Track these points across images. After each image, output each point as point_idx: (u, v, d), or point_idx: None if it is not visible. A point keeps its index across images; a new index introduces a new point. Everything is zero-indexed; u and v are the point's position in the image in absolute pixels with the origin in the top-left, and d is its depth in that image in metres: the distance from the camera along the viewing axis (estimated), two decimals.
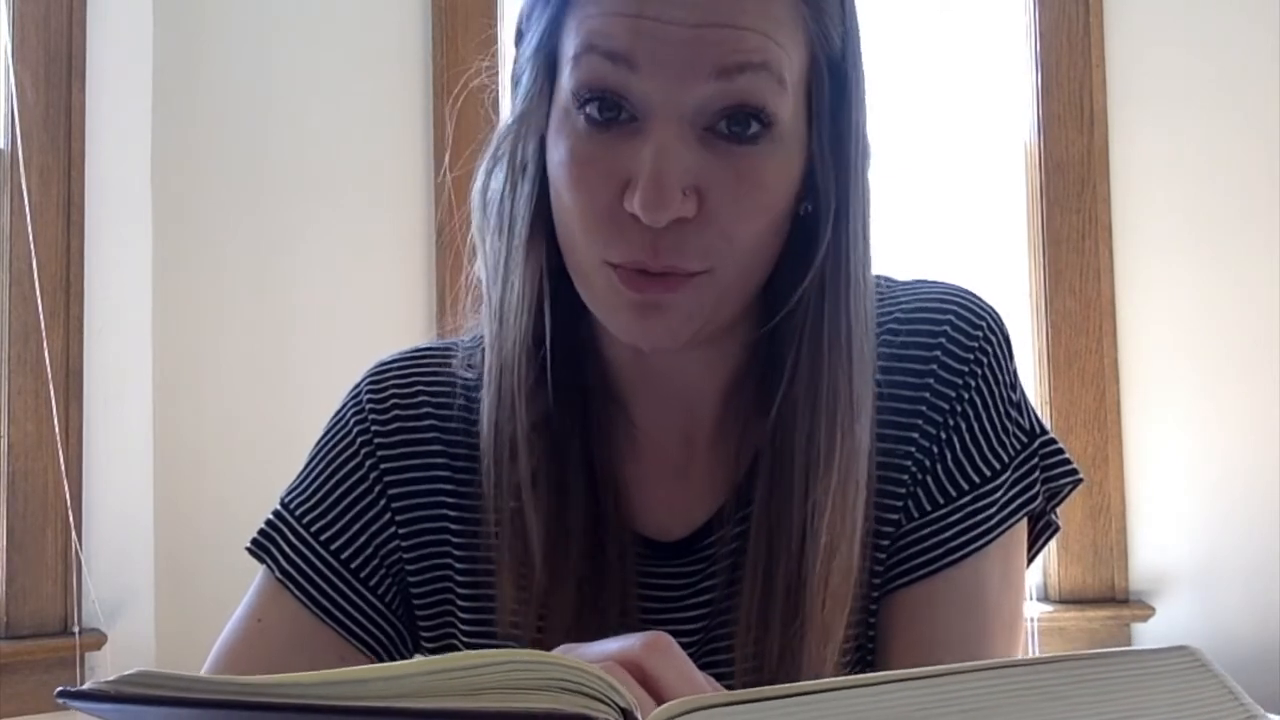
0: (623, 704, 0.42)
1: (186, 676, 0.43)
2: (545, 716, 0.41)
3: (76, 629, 1.96)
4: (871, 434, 0.80)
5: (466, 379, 0.87)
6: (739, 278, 0.75)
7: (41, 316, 1.95)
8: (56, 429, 1.95)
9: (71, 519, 1.95)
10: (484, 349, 0.84)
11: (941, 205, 2.30)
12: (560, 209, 0.76)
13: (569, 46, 0.74)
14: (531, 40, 0.77)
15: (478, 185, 0.82)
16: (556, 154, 0.75)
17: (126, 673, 0.43)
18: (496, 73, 0.86)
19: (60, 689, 0.44)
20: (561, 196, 0.75)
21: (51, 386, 1.96)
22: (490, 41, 0.84)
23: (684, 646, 0.82)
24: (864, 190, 0.78)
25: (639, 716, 0.42)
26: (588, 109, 0.73)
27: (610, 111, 0.72)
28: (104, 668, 1.96)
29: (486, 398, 0.81)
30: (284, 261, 2.11)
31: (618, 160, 0.72)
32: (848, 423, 0.77)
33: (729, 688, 0.79)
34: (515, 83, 0.79)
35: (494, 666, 0.43)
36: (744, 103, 0.71)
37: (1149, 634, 2.21)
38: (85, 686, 0.42)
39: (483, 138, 0.83)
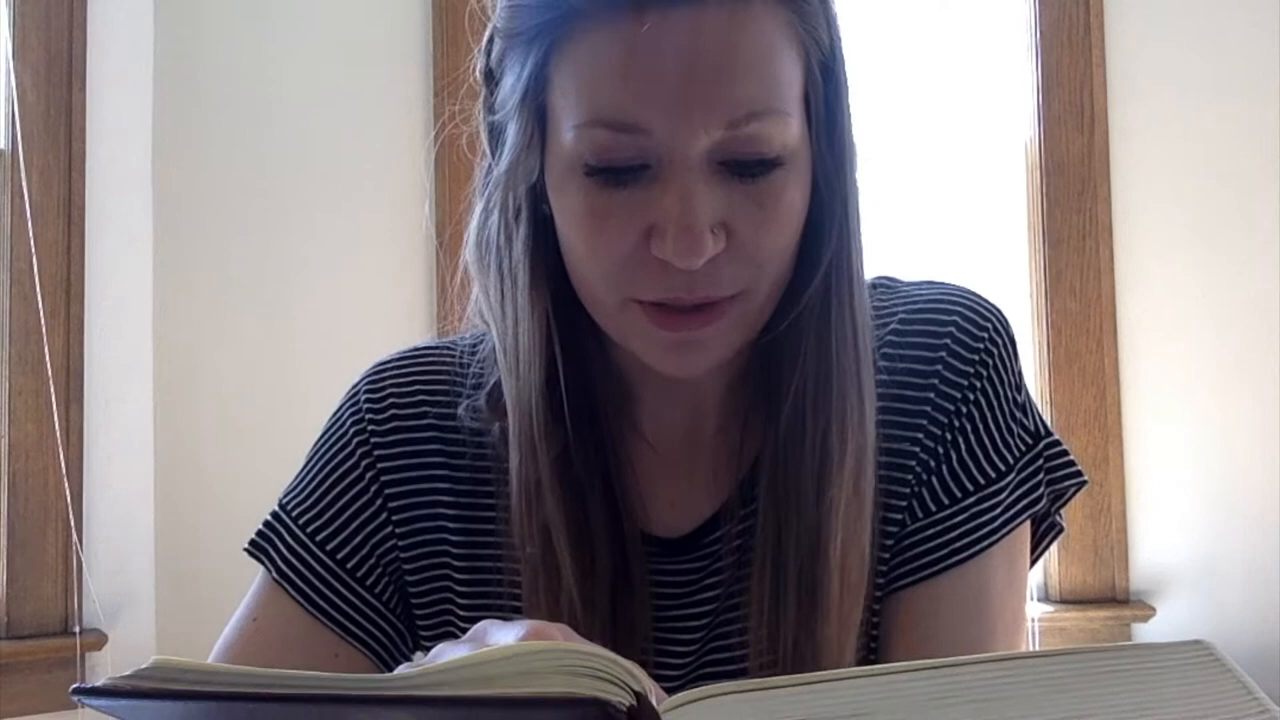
0: (637, 688, 0.42)
1: (202, 667, 0.43)
2: (561, 701, 0.41)
3: (77, 629, 1.96)
4: (876, 428, 0.80)
5: (467, 378, 0.86)
6: (771, 294, 0.76)
7: (42, 316, 1.95)
8: (57, 429, 1.95)
9: (72, 519, 1.95)
10: (484, 362, 0.84)
11: (942, 205, 2.30)
12: (574, 257, 0.75)
13: (566, 110, 0.72)
14: (514, 88, 0.75)
15: (471, 237, 0.81)
16: (567, 207, 0.74)
17: (142, 666, 0.43)
18: (469, 117, 0.84)
19: (75, 686, 0.43)
20: (575, 247, 0.74)
21: (52, 386, 1.96)
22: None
23: (689, 641, 0.82)
24: (856, 185, 0.78)
25: (653, 701, 0.42)
26: (596, 176, 0.72)
27: (623, 172, 0.72)
28: (104, 668, 1.96)
29: (513, 452, 0.80)
30: (284, 261, 2.11)
31: (636, 209, 0.72)
32: (857, 418, 0.78)
33: (741, 678, 0.80)
34: (497, 129, 0.78)
35: (508, 659, 0.43)
36: (754, 150, 0.71)
37: (1150, 634, 2.21)
38: (100, 683, 0.42)
39: (469, 184, 0.82)
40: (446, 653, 0.55)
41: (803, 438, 0.78)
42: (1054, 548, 2.15)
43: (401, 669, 0.53)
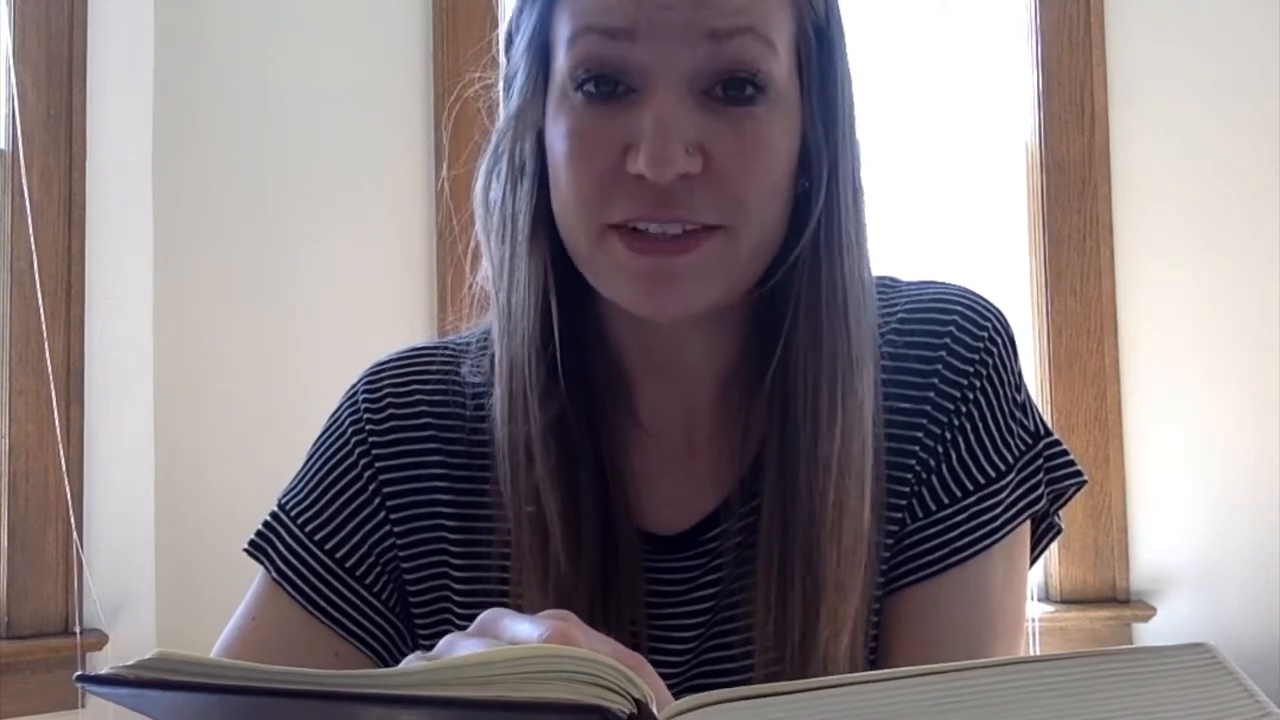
0: (637, 695, 0.42)
1: (205, 661, 0.43)
2: (561, 706, 0.41)
3: (77, 629, 1.96)
4: (877, 398, 0.80)
5: (465, 379, 0.87)
6: (752, 240, 0.76)
7: (43, 317, 1.95)
8: (57, 429, 1.95)
9: (72, 519, 1.95)
10: (491, 351, 0.84)
11: (943, 205, 2.30)
12: (559, 185, 0.77)
13: (563, 30, 0.75)
14: (523, 37, 0.78)
15: (479, 186, 0.82)
16: (555, 133, 0.76)
17: (145, 657, 0.43)
18: (490, 84, 0.86)
19: (79, 674, 0.44)
20: (560, 172, 0.76)
21: (52, 387, 1.96)
22: (489, 47, 0.85)
23: (686, 641, 0.82)
24: (854, 153, 0.79)
25: (653, 708, 0.42)
26: (586, 86, 0.74)
27: (608, 85, 0.74)
28: (105, 668, 1.96)
29: (499, 401, 0.81)
30: (285, 261, 2.11)
31: (618, 128, 0.74)
32: (849, 380, 0.78)
33: (745, 676, 0.80)
34: (509, 83, 0.80)
35: (509, 661, 0.43)
36: (737, 66, 0.73)
37: (1150, 634, 2.21)
38: (104, 671, 0.43)
39: (479, 142, 0.83)
40: (456, 644, 0.55)
41: (795, 405, 0.78)
42: (1055, 548, 2.16)
43: (409, 660, 0.53)
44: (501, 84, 0.83)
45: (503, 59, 0.82)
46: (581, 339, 0.82)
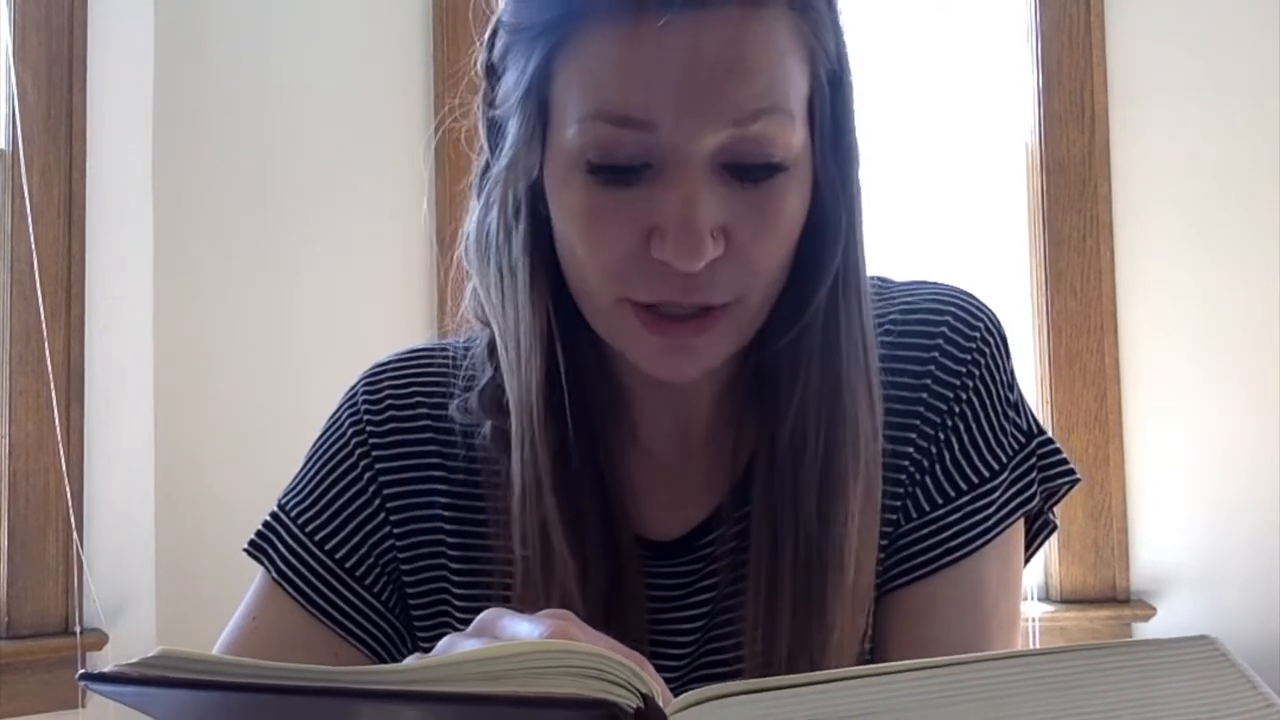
0: (644, 690, 0.42)
1: (208, 658, 0.43)
2: (569, 701, 0.41)
3: (78, 629, 1.96)
4: (877, 446, 0.80)
5: (461, 379, 0.86)
6: (763, 303, 0.76)
7: (43, 317, 1.95)
8: (58, 429, 1.95)
9: (73, 519, 1.95)
10: (487, 367, 0.84)
11: (943, 205, 2.31)
12: (571, 255, 0.75)
13: (571, 102, 0.71)
14: (517, 83, 0.74)
15: (471, 234, 0.81)
16: (565, 204, 0.74)
17: (149, 654, 0.43)
18: (468, 111, 0.83)
19: (82, 672, 0.44)
20: (573, 245, 0.74)
21: (53, 387, 1.96)
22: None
23: (682, 645, 0.82)
24: (860, 197, 0.78)
25: (660, 703, 0.42)
26: (600, 170, 0.71)
27: (625, 171, 0.71)
28: (107, 667, 1.96)
29: (515, 451, 0.80)
30: (284, 261, 2.11)
31: (637, 208, 0.71)
32: (871, 432, 0.78)
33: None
34: (497, 125, 0.77)
35: (514, 657, 0.43)
36: (760, 147, 0.71)
37: (1150, 634, 2.21)
38: (108, 669, 0.43)
39: (466, 173, 0.81)
40: (456, 644, 0.55)
41: (803, 450, 0.77)
42: (1055, 548, 2.16)
43: (409, 660, 0.53)
44: (483, 117, 0.80)
45: (482, 82, 0.79)
46: (583, 367, 0.81)
